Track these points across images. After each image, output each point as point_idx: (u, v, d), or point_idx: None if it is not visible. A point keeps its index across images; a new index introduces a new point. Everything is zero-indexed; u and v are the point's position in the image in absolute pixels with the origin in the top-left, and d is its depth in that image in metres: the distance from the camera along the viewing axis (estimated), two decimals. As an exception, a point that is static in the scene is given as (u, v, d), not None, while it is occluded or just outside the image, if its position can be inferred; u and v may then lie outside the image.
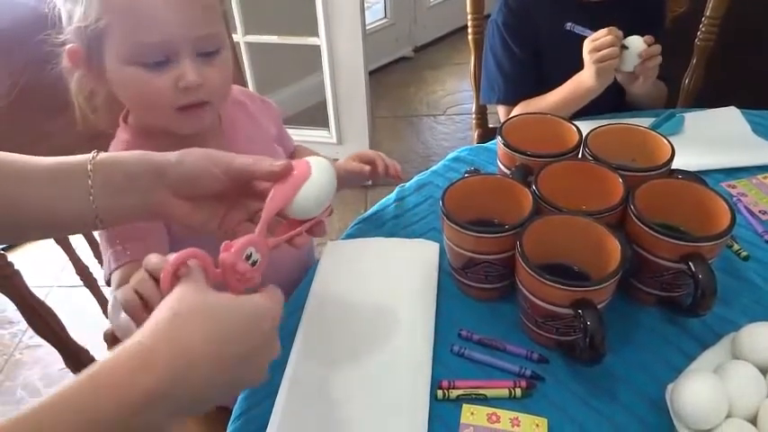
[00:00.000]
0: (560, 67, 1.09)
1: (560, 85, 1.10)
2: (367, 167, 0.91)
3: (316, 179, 0.52)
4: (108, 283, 0.71)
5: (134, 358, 0.39)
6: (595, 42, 1.00)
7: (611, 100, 1.08)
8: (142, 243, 0.69)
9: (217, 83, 0.68)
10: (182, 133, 0.70)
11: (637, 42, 0.99)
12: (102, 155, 0.53)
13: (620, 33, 0.99)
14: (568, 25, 1.03)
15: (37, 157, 0.53)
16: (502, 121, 1.21)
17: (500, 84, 1.19)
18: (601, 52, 0.99)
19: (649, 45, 0.99)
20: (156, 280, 0.47)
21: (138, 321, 0.46)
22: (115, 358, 0.39)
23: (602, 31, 1.00)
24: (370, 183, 0.92)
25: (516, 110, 1.17)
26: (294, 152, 0.96)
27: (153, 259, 0.49)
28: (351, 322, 0.70)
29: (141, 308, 0.49)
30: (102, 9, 0.63)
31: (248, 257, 0.49)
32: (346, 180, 0.94)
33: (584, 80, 1.04)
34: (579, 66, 1.04)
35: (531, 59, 1.15)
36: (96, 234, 0.90)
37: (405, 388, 0.63)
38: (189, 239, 0.66)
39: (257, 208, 0.55)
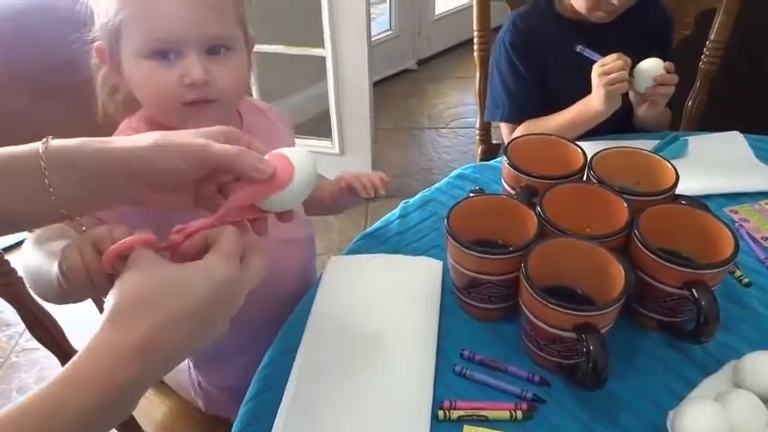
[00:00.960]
0: (566, 88, 1.10)
1: (566, 105, 1.10)
2: (342, 182, 0.90)
3: (296, 181, 0.49)
4: None
5: (107, 355, 0.40)
6: (605, 67, 1.00)
7: (616, 122, 1.08)
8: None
9: (225, 82, 0.68)
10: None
11: (655, 64, 1.00)
12: (55, 145, 0.48)
13: (629, 60, 1.00)
14: (579, 48, 1.04)
15: None
16: (505, 138, 1.23)
17: (505, 102, 1.20)
18: (610, 76, 0.99)
19: (668, 72, 1.00)
20: (100, 252, 0.47)
21: (72, 283, 0.47)
22: (87, 357, 0.40)
23: (612, 56, 1.01)
24: (371, 196, 0.90)
25: (520, 129, 1.18)
26: None
27: (101, 230, 0.48)
28: (352, 340, 0.70)
29: (82, 271, 0.47)
30: (120, 5, 0.65)
31: None
32: (340, 206, 0.95)
33: (592, 104, 1.04)
34: (586, 87, 1.05)
35: (537, 80, 1.16)
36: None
37: (406, 407, 0.63)
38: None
39: (225, 180, 0.52)
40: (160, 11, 0.64)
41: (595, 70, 1.02)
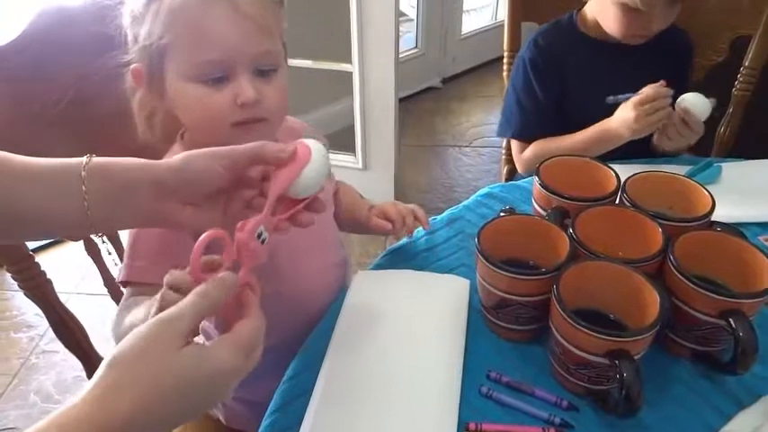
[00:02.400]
0: (585, 107, 1.09)
1: (581, 126, 1.10)
2: (388, 226, 0.90)
3: (315, 161, 0.54)
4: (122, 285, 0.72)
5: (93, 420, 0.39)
6: (645, 107, 0.98)
7: (633, 143, 1.07)
8: (159, 265, 0.68)
9: (274, 101, 0.69)
10: None
11: (704, 105, 0.99)
12: (96, 160, 0.52)
13: (670, 92, 0.99)
14: (610, 99, 1.03)
15: (35, 158, 0.53)
16: (515, 155, 1.22)
17: (517, 119, 1.19)
18: (651, 116, 0.98)
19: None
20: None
21: None
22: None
23: (651, 95, 0.98)
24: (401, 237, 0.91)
25: (531, 147, 1.17)
26: (337, 189, 0.96)
27: (175, 275, 0.50)
28: (377, 356, 0.69)
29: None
30: (165, 27, 0.65)
31: (259, 236, 0.51)
32: (371, 231, 0.95)
33: (616, 129, 1.03)
34: (604, 111, 1.04)
35: (554, 100, 1.15)
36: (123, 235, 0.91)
37: (431, 427, 0.62)
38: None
39: (251, 195, 0.56)
40: (210, 33, 0.64)
41: (634, 110, 0.99)
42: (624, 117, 1.02)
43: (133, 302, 0.66)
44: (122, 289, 0.74)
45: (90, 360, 0.90)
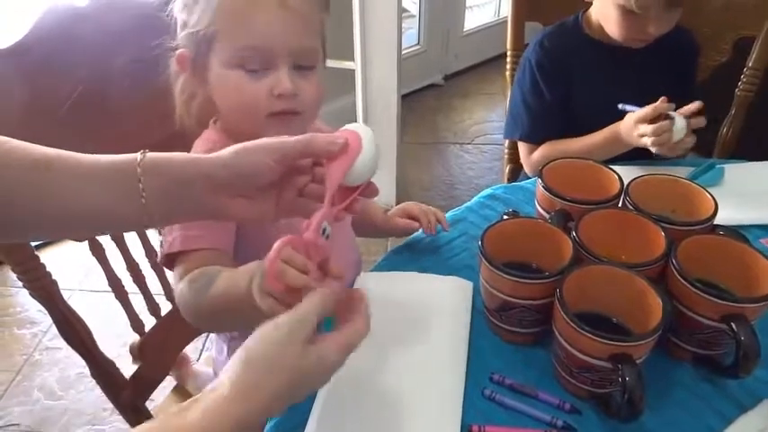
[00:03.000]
0: (590, 109, 1.09)
1: (589, 126, 1.10)
2: (416, 224, 0.92)
3: (367, 149, 0.54)
4: (165, 264, 0.72)
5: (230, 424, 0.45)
6: (649, 128, 0.97)
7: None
8: (212, 232, 0.70)
9: (310, 95, 0.71)
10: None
11: (680, 127, 0.98)
12: (150, 156, 0.53)
13: (673, 105, 0.98)
14: (621, 106, 1.03)
15: (88, 156, 0.53)
16: (523, 158, 1.22)
17: (525, 121, 1.19)
18: (661, 137, 0.97)
19: (690, 115, 0.98)
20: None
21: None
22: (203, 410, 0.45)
23: (650, 112, 0.98)
24: (433, 234, 0.91)
25: (540, 150, 1.17)
26: None
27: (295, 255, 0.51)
28: (380, 358, 0.70)
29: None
30: (216, 15, 0.67)
31: (323, 231, 0.52)
32: (393, 233, 0.96)
33: (624, 138, 1.03)
34: (610, 112, 1.04)
35: (561, 101, 1.15)
36: (128, 238, 0.91)
37: (435, 430, 0.62)
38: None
39: (304, 182, 0.56)
40: (255, 21, 0.67)
41: (637, 128, 0.99)
42: (629, 128, 1.02)
43: (202, 273, 0.65)
44: (165, 267, 0.74)
45: (94, 359, 0.90)
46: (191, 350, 1.12)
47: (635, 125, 1.00)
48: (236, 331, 0.88)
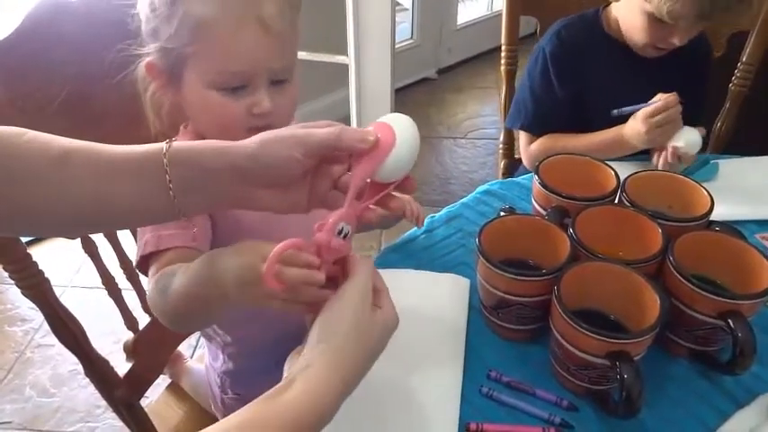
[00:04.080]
0: (599, 106, 1.07)
1: (593, 126, 1.09)
2: (401, 212, 0.89)
3: (401, 144, 0.51)
4: (141, 268, 0.71)
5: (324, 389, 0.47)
6: (656, 119, 0.97)
7: None
8: (186, 230, 0.69)
9: (285, 110, 0.71)
10: None
11: (695, 140, 0.98)
12: (176, 146, 0.51)
13: (679, 105, 0.98)
14: (615, 112, 1.02)
15: (116, 149, 0.51)
16: (522, 147, 1.21)
17: (529, 111, 1.17)
18: (662, 128, 0.97)
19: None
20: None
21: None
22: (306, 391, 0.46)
23: (660, 106, 0.97)
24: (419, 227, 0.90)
25: (540, 141, 1.16)
26: None
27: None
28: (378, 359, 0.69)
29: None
30: (194, 37, 0.65)
31: (339, 232, 0.50)
32: (376, 223, 0.93)
33: (628, 138, 1.02)
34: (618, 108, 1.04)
35: (569, 95, 1.13)
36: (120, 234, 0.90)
37: (431, 428, 0.62)
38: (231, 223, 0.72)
39: (339, 172, 0.53)
40: (240, 49, 0.65)
41: (644, 123, 0.98)
42: (635, 129, 1.00)
43: (163, 274, 0.63)
44: (139, 270, 0.72)
45: (87, 357, 0.89)
46: (184, 347, 1.11)
47: (644, 120, 0.98)
48: (209, 328, 0.87)
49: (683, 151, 0.97)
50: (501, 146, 1.41)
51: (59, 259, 1.61)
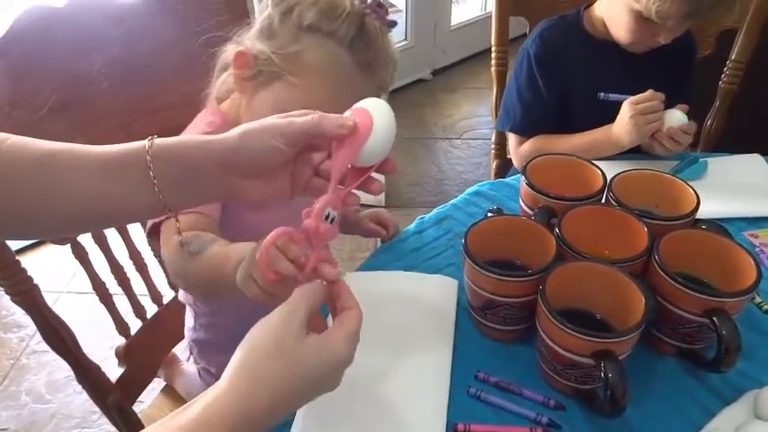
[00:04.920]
0: (584, 106, 1.08)
1: (582, 123, 1.09)
2: (383, 232, 1.01)
3: (379, 127, 0.52)
4: (150, 232, 0.73)
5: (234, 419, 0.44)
6: (642, 105, 0.99)
7: None
8: None
9: None
10: None
11: (680, 116, 1.00)
12: (158, 142, 0.52)
13: (663, 96, 0.99)
14: (602, 95, 1.03)
15: (89, 148, 0.52)
16: (512, 150, 1.22)
17: (518, 112, 1.18)
18: (648, 116, 0.98)
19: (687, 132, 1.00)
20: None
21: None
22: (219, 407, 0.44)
23: (647, 95, 0.99)
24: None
25: (530, 143, 1.17)
26: None
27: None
28: (365, 359, 0.69)
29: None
30: (301, 72, 0.68)
31: (326, 216, 0.50)
32: (358, 231, 1.04)
33: (617, 136, 1.03)
34: (603, 110, 1.04)
35: (556, 96, 1.14)
36: (110, 237, 0.91)
37: (420, 429, 0.62)
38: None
39: (320, 159, 0.54)
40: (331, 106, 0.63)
41: (629, 108, 1.00)
42: (621, 121, 1.01)
43: (196, 236, 0.65)
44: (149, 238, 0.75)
45: (79, 363, 0.90)
46: (180, 350, 1.12)
47: (629, 106, 1.00)
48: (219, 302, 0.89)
49: (677, 127, 0.99)
50: (493, 146, 1.41)
51: (54, 265, 1.61)
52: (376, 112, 0.52)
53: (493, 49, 1.31)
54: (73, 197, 0.51)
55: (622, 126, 1.01)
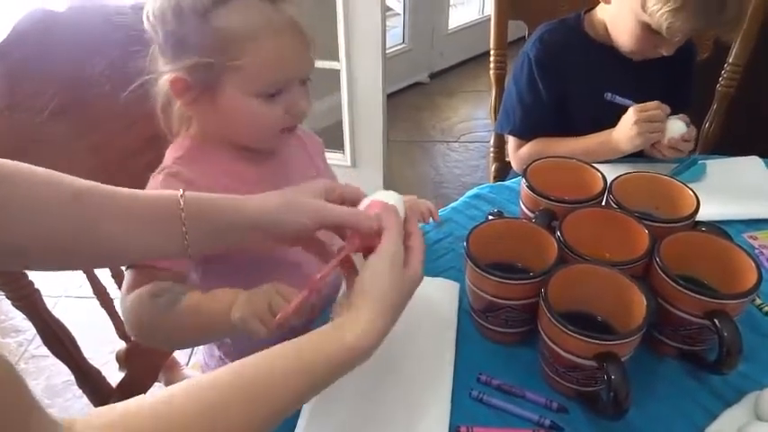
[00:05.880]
0: (584, 109, 1.08)
1: (581, 126, 1.09)
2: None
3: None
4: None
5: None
6: (647, 114, 0.99)
7: None
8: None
9: (310, 106, 0.76)
10: (268, 150, 0.79)
11: (680, 126, 1.00)
12: (191, 198, 0.56)
13: (669, 109, 0.99)
14: (608, 96, 1.03)
15: (133, 194, 0.55)
16: (511, 152, 1.22)
17: (518, 115, 1.18)
18: (653, 124, 0.98)
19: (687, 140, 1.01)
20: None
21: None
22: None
23: (653, 104, 1.00)
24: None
25: (529, 146, 1.17)
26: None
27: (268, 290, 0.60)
28: (368, 362, 0.69)
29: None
30: (238, 50, 0.67)
31: None
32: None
33: (618, 142, 1.03)
34: (603, 114, 1.04)
35: (555, 99, 1.14)
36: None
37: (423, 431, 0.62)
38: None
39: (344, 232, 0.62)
40: (283, 58, 0.69)
41: (635, 114, 1.00)
42: (624, 126, 1.01)
43: (164, 290, 0.64)
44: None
45: (79, 368, 0.90)
46: (180, 355, 1.11)
47: (635, 111, 1.00)
48: (197, 346, 0.91)
49: (677, 137, 1.00)
50: (492, 149, 1.41)
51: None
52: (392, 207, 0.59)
53: (492, 52, 1.31)
54: (102, 236, 0.54)
55: (625, 131, 1.01)
